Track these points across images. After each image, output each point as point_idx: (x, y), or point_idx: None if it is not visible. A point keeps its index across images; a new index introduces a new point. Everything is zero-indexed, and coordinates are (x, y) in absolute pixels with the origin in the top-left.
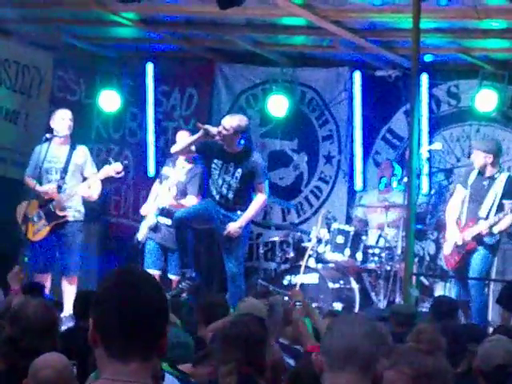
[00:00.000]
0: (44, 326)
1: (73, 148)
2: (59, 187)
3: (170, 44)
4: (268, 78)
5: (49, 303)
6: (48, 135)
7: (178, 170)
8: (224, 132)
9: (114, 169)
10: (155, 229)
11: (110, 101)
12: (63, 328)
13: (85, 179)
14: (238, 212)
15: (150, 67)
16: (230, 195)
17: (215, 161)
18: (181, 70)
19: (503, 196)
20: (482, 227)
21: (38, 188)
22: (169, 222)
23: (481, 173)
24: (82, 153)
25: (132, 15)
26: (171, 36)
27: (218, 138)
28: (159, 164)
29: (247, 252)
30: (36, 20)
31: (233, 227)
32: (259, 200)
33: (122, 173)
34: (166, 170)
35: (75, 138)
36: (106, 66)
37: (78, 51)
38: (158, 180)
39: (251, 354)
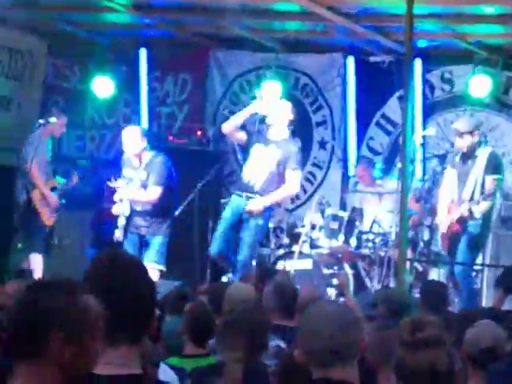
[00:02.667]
0: None
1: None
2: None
3: (164, 30)
4: (262, 64)
5: None
6: (41, 121)
7: (138, 170)
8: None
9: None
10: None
11: (103, 87)
12: None
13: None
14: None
15: (143, 53)
16: (261, 177)
17: (256, 145)
18: (174, 56)
19: (485, 172)
20: (462, 210)
21: (45, 191)
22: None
23: (464, 154)
24: None
25: (125, 1)
26: (165, 22)
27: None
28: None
29: None
30: (30, 6)
31: (255, 205)
32: (289, 187)
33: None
34: (126, 172)
35: (69, 125)
36: (99, 52)
37: (71, 37)
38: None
39: (257, 342)
